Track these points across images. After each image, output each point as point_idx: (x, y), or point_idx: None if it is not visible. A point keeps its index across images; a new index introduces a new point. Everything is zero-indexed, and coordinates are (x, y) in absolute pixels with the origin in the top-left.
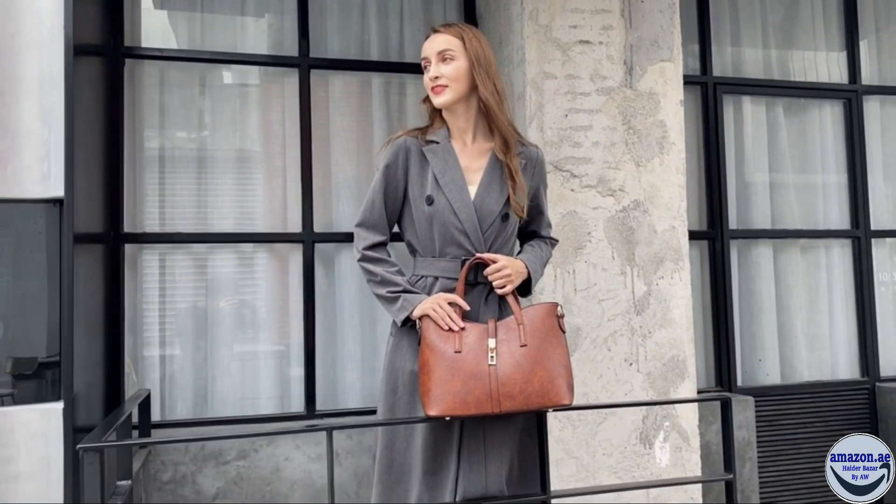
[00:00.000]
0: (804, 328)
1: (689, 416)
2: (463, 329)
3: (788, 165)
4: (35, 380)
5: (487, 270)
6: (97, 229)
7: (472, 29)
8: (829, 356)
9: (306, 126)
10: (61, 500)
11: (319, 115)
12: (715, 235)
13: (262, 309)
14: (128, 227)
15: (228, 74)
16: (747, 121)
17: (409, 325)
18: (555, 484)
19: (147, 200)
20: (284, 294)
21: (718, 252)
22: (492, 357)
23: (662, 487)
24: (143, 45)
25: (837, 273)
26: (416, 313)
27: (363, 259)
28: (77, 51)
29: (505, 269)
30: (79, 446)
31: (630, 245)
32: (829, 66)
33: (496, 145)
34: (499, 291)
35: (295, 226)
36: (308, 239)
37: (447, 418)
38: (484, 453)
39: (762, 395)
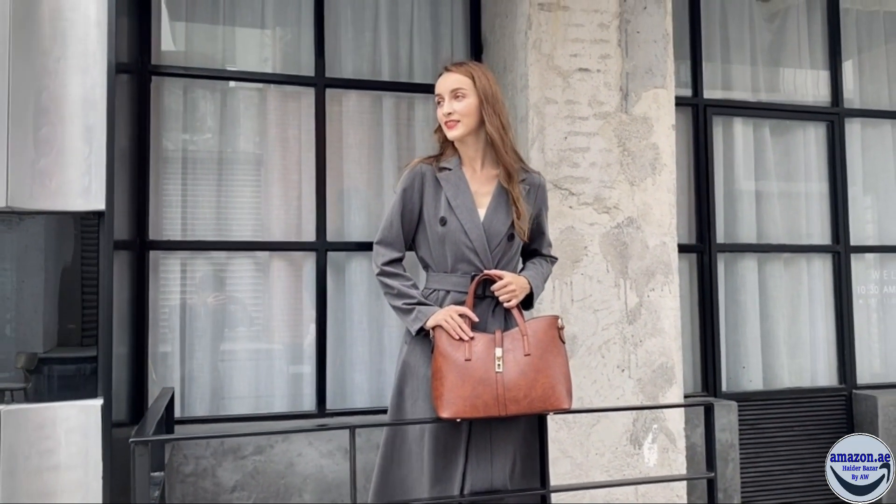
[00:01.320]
0: (786, 337)
1: (675, 419)
2: (472, 339)
3: (774, 182)
4: (75, 377)
5: (495, 287)
6: (126, 237)
7: (481, 67)
8: (809, 364)
9: (321, 140)
10: (99, 489)
11: (333, 130)
12: (703, 249)
13: (277, 313)
14: (152, 235)
15: (247, 89)
16: (735, 140)
17: (423, 335)
18: (551, 481)
19: (170, 209)
20: (298, 299)
21: (706, 265)
22: (499, 365)
23: (650, 486)
24: (167, 59)
25: (818, 286)
26: (430, 324)
27: (381, 273)
28: (118, 72)
29: (510, 285)
30: (131, 440)
31: (623, 259)
32: (813, 88)
33: (500, 174)
34: (505, 305)
35: (309, 234)
36: (321, 247)
37: (457, 420)
38: (490, 451)
39: (745, 400)
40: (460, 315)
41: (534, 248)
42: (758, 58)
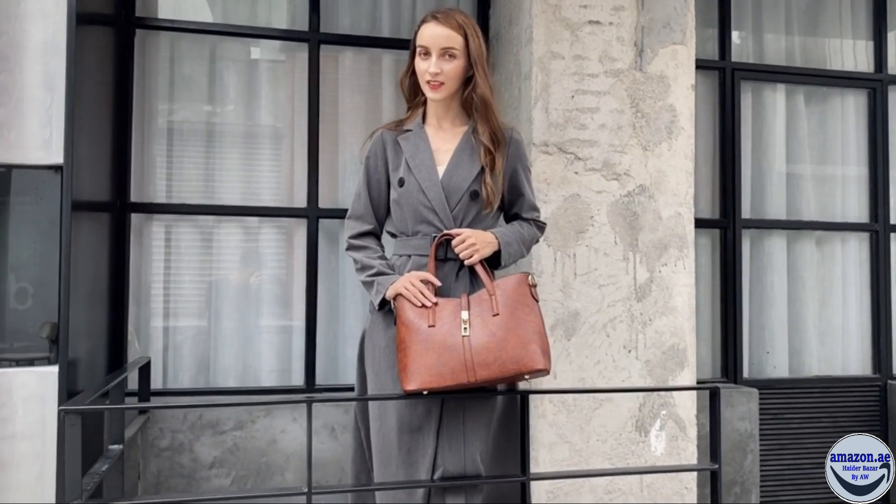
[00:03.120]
0: (816, 322)
1: (686, 405)
2: (436, 304)
3: (807, 155)
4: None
5: (453, 243)
6: (103, 197)
7: (471, 22)
8: (841, 351)
9: (314, 101)
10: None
11: (328, 90)
12: (727, 224)
13: (266, 282)
14: (135, 197)
15: (239, 48)
16: (766, 108)
17: (387, 309)
18: (547, 468)
19: (155, 171)
20: (288, 268)
21: (730, 241)
22: (465, 328)
23: (655, 476)
24: (152, 12)
25: (853, 267)
26: (390, 294)
27: (348, 248)
28: (83, 20)
29: (469, 238)
30: (60, 408)
31: (633, 230)
32: (854, 55)
33: (485, 138)
34: (466, 262)
35: (300, 201)
36: (312, 214)
37: (424, 392)
38: (463, 432)
39: (768, 387)
40: (422, 281)
41: (514, 213)
42: (793, 22)
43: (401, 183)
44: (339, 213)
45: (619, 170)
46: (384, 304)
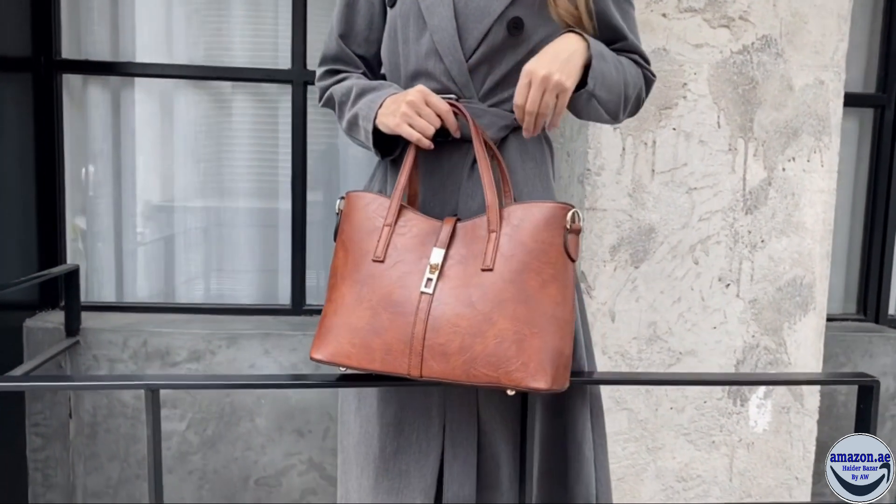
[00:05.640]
0: None
1: (806, 362)
2: (390, 226)
3: None
4: None
5: (516, 100)
6: (17, 52)
7: None
8: None
9: None
10: None
11: None
12: (884, 101)
13: (242, 168)
14: (66, 53)
15: None
16: None
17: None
18: (601, 457)
19: (93, 20)
20: (271, 149)
21: (888, 125)
22: (428, 281)
23: (754, 460)
24: None
25: None
26: (385, 118)
27: (319, 99)
28: None
29: (535, 72)
30: None
31: (748, 106)
32: None
33: None
34: (551, 120)
35: (284, 61)
36: (298, 79)
37: (341, 370)
38: (487, 433)
39: None
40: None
41: None
42: None
43: (391, 2)
44: None
45: (731, 11)
46: (388, 146)
